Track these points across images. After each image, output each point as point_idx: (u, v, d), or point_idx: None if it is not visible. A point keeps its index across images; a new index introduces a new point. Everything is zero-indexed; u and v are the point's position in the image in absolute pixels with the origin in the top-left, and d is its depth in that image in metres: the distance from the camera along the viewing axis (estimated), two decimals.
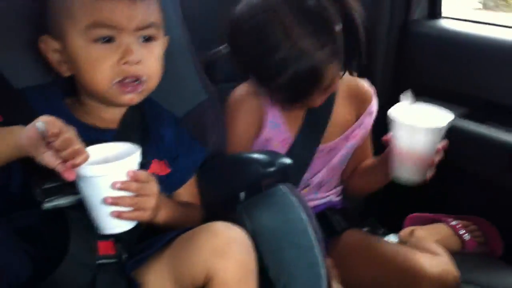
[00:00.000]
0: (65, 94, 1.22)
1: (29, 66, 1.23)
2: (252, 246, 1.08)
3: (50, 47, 1.16)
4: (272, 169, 1.25)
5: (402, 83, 1.66)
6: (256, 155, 1.30)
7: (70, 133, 0.96)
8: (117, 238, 1.09)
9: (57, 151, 0.95)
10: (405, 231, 1.60)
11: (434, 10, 2.07)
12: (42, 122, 0.95)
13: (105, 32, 1.11)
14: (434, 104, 1.42)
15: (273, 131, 1.53)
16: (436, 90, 1.49)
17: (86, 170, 0.98)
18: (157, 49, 1.19)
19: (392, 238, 1.60)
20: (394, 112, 1.37)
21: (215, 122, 1.42)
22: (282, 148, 1.54)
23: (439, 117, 1.36)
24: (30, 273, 1.02)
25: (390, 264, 1.44)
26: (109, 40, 1.12)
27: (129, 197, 1.03)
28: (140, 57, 1.14)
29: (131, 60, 1.13)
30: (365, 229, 1.61)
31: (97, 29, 1.11)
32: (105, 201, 1.01)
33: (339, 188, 1.69)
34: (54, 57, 1.16)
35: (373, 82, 1.74)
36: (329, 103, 1.56)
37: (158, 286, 1.08)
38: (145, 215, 1.07)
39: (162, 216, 1.16)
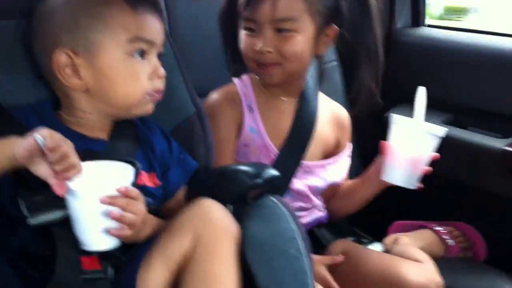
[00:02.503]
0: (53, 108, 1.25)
1: (16, 86, 1.25)
2: (232, 216, 1.16)
3: (65, 61, 1.18)
4: (259, 180, 1.26)
5: (387, 90, 1.68)
6: (243, 167, 1.31)
7: (66, 147, 0.99)
8: (101, 253, 1.10)
9: (52, 164, 0.97)
10: (389, 239, 1.61)
11: (417, 18, 2.11)
12: (41, 135, 0.97)
13: (142, 46, 1.19)
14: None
15: (251, 136, 1.55)
16: None
17: (77, 184, 1.00)
18: None
19: (377, 246, 1.61)
20: (398, 116, 1.43)
21: (203, 135, 1.44)
22: (263, 156, 1.56)
23: (436, 127, 1.42)
24: None
25: (374, 273, 1.45)
26: (142, 55, 1.20)
27: (116, 210, 1.05)
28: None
29: (161, 74, 1.23)
30: (351, 238, 1.63)
31: (137, 43, 1.18)
32: (102, 201, 1.03)
33: (323, 206, 1.70)
34: (66, 72, 1.18)
35: (358, 90, 1.77)
36: (312, 119, 1.61)
37: (155, 278, 1.10)
38: (131, 233, 1.09)
39: (148, 235, 1.17)
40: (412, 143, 1.42)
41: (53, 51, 1.18)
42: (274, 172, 1.30)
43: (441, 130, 1.42)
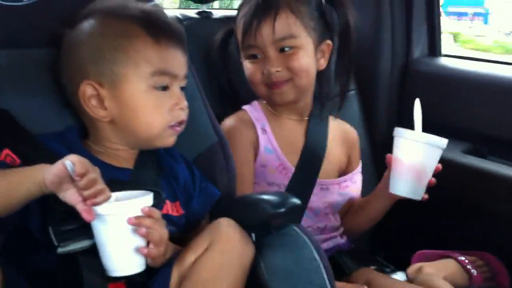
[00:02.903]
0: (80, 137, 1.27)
1: (44, 114, 1.27)
2: (249, 238, 1.19)
3: (92, 93, 1.20)
4: (282, 209, 1.26)
5: (405, 120, 1.69)
6: (265, 196, 1.31)
7: (95, 173, 1.01)
8: (128, 278, 1.11)
9: (81, 189, 0.99)
10: (413, 268, 1.59)
11: (434, 48, 2.13)
12: (71, 161, 0.98)
13: (166, 79, 1.21)
14: None
15: (267, 156, 1.59)
16: (438, 126, 1.52)
17: (103, 208, 1.02)
18: None
19: (400, 276, 1.59)
20: (400, 128, 1.47)
21: (225, 163, 1.45)
22: (280, 175, 1.59)
23: (437, 138, 1.46)
24: None
25: None
26: (165, 87, 1.21)
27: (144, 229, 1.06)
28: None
29: (184, 105, 1.24)
30: (373, 267, 1.62)
31: (160, 76, 1.20)
32: (129, 221, 1.04)
33: (342, 229, 1.73)
34: (92, 103, 1.20)
35: (377, 120, 1.78)
36: (323, 137, 1.67)
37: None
38: (157, 252, 1.09)
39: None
40: (414, 154, 1.46)
41: (80, 82, 1.20)
42: (296, 200, 1.29)
43: (443, 141, 1.45)
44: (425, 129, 1.48)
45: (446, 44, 2.26)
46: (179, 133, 1.27)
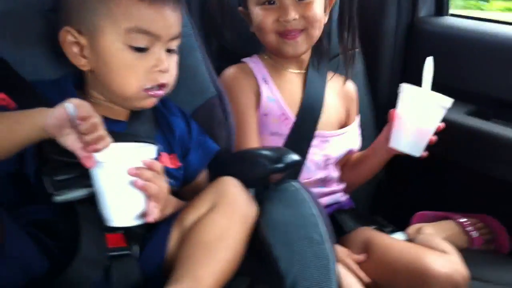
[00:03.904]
0: (75, 87, 1.25)
1: (40, 61, 1.26)
2: (251, 197, 1.17)
3: (72, 39, 1.18)
4: (280, 165, 1.26)
5: (409, 80, 1.67)
6: (264, 151, 1.31)
7: (96, 118, 1.00)
8: (126, 230, 1.10)
9: (82, 134, 0.98)
10: (413, 228, 1.59)
11: (441, 7, 2.10)
12: (73, 104, 0.97)
13: (144, 40, 1.16)
14: None
15: (269, 105, 1.60)
16: (442, 87, 1.50)
17: (103, 155, 1.01)
18: (176, 58, 1.25)
19: (399, 235, 1.58)
20: (406, 85, 1.47)
21: (223, 118, 1.44)
22: (282, 125, 1.60)
23: (442, 98, 1.45)
24: (46, 266, 1.03)
25: (398, 262, 1.43)
26: (143, 48, 1.16)
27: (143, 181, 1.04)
28: (168, 66, 1.19)
29: (163, 69, 1.19)
30: (373, 227, 1.60)
31: (137, 34, 1.15)
32: (129, 172, 1.03)
33: (343, 185, 1.73)
34: (73, 50, 1.19)
35: (380, 78, 1.75)
36: (321, 88, 1.68)
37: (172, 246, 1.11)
38: (156, 207, 1.07)
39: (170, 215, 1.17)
40: (419, 111, 1.46)
41: (62, 28, 1.18)
42: (295, 156, 1.30)
43: (448, 101, 1.44)
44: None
45: None
46: (160, 97, 1.23)
